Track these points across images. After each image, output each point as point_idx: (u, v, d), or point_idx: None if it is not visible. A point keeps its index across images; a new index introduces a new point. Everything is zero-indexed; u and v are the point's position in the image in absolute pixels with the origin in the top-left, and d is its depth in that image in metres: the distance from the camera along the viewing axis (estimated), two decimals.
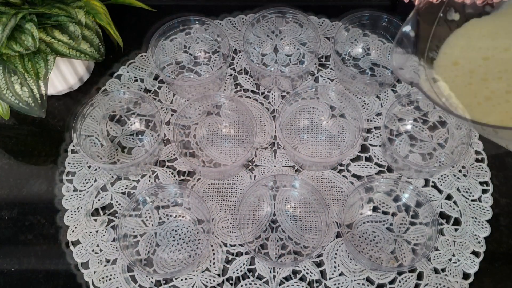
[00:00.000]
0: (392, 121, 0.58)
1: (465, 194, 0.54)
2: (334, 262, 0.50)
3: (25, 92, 0.51)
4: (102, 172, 0.56)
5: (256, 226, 0.53)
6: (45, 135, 0.59)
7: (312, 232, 0.52)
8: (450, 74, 0.40)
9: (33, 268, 0.51)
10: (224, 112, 0.59)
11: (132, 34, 0.66)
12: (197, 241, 0.52)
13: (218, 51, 0.64)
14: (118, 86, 0.62)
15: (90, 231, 0.52)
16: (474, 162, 0.56)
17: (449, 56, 0.41)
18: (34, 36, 0.47)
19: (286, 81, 0.60)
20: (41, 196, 0.55)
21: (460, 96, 0.38)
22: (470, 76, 0.39)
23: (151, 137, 0.58)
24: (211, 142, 0.58)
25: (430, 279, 0.49)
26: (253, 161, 0.57)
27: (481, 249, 0.51)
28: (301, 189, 0.54)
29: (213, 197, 0.54)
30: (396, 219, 0.53)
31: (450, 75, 0.39)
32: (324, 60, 0.64)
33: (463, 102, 0.37)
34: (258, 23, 0.62)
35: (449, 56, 0.41)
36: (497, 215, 0.53)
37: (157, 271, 0.50)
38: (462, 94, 0.38)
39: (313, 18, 0.67)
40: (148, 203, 0.53)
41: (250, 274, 0.50)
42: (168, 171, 0.56)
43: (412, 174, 0.54)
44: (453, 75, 0.40)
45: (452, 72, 0.40)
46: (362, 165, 0.56)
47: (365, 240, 0.51)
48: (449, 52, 0.41)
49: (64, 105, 0.61)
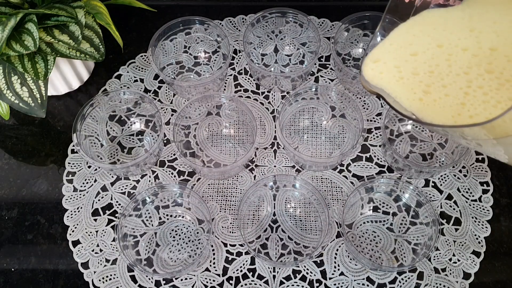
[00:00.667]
0: (392, 121, 0.58)
1: (466, 194, 0.54)
2: (335, 262, 0.50)
3: (25, 92, 0.51)
4: (102, 172, 0.56)
5: (257, 226, 0.53)
6: (45, 135, 0.59)
7: (313, 232, 0.52)
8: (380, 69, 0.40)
9: (32, 268, 0.51)
10: (224, 112, 0.59)
11: (132, 34, 0.66)
12: (197, 241, 0.52)
13: (218, 51, 0.64)
14: (118, 86, 0.62)
15: (90, 231, 0.52)
16: (475, 162, 0.56)
17: (376, 52, 0.40)
18: (34, 36, 0.47)
19: (286, 81, 0.60)
20: (41, 196, 0.55)
21: (400, 92, 0.37)
22: (399, 71, 0.38)
23: (151, 137, 0.58)
24: (211, 142, 0.58)
25: (431, 279, 0.49)
26: (254, 161, 0.57)
27: (482, 249, 0.51)
28: (301, 189, 0.54)
29: (213, 197, 0.54)
30: (396, 219, 0.53)
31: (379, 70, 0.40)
32: (324, 60, 0.64)
33: (405, 97, 0.37)
34: (258, 23, 0.62)
35: (376, 52, 0.40)
36: (497, 215, 0.53)
37: (157, 271, 0.50)
38: (399, 89, 0.37)
39: (314, 18, 0.67)
40: (148, 203, 0.53)
41: (251, 274, 0.50)
42: (168, 171, 0.56)
43: (413, 174, 0.54)
44: (379, 71, 0.39)
45: (379, 67, 0.40)
46: (362, 165, 0.56)
47: (366, 240, 0.51)
48: (381, 47, 0.41)
49: (64, 105, 0.61)
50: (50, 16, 0.50)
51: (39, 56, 0.51)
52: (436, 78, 0.36)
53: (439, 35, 0.38)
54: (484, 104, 0.33)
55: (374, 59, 0.40)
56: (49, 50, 0.51)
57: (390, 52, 0.40)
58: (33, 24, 0.48)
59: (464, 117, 0.33)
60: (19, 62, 0.49)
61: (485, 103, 0.33)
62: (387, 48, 0.40)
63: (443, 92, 0.36)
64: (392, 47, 0.40)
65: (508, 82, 0.33)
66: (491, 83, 0.34)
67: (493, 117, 0.27)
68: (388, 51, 0.40)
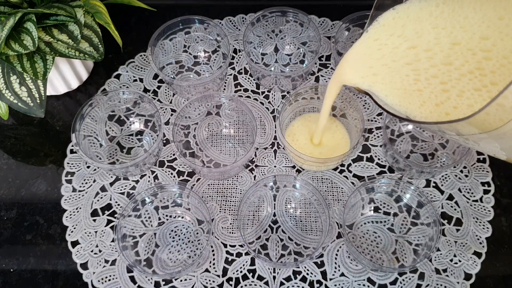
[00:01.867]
0: (393, 121, 0.57)
1: (467, 195, 0.54)
2: (335, 262, 0.50)
3: (24, 92, 0.51)
4: (101, 172, 0.56)
5: (257, 226, 0.52)
6: (44, 135, 0.59)
7: (313, 232, 0.52)
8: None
9: (32, 268, 0.51)
10: (224, 112, 0.59)
11: (131, 34, 0.66)
12: (197, 241, 0.51)
13: (218, 51, 0.63)
14: (117, 85, 0.62)
15: (89, 232, 0.52)
16: (476, 162, 0.56)
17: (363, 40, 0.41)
18: (33, 35, 0.47)
19: (286, 81, 0.60)
20: (40, 196, 0.55)
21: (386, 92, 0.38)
22: (374, 73, 0.39)
23: (150, 137, 0.58)
24: (211, 142, 0.58)
25: (432, 279, 0.49)
26: (254, 161, 0.56)
27: (483, 249, 0.51)
28: (301, 190, 0.53)
29: (213, 198, 0.54)
30: (397, 219, 0.52)
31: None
32: (325, 59, 0.63)
33: (386, 87, 0.37)
34: (258, 22, 0.62)
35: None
36: (498, 215, 0.53)
37: (157, 272, 0.49)
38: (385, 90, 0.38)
39: (314, 18, 0.66)
40: (148, 204, 0.53)
41: (251, 275, 0.50)
42: (167, 171, 0.56)
43: (414, 174, 0.54)
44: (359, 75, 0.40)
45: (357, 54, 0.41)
46: (363, 165, 0.56)
47: (366, 241, 0.51)
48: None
49: (63, 105, 0.61)
50: (49, 16, 0.50)
51: (38, 55, 0.50)
52: (415, 76, 0.36)
53: (409, 33, 0.38)
54: (466, 99, 0.33)
55: (351, 63, 0.40)
56: (48, 50, 0.50)
57: (362, 54, 0.40)
58: (32, 24, 0.47)
59: (460, 111, 0.33)
60: (18, 61, 0.49)
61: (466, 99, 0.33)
62: (360, 49, 0.40)
63: (418, 87, 0.36)
64: (363, 49, 0.40)
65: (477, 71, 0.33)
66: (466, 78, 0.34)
67: (472, 113, 0.27)
68: (361, 52, 0.40)
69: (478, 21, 0.35)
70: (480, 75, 0.33)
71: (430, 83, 0.35)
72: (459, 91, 0.33)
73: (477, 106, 0.32)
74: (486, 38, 0.34)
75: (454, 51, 0.35)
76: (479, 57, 0.33)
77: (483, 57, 0.33)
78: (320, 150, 0.55)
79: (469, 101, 0.32)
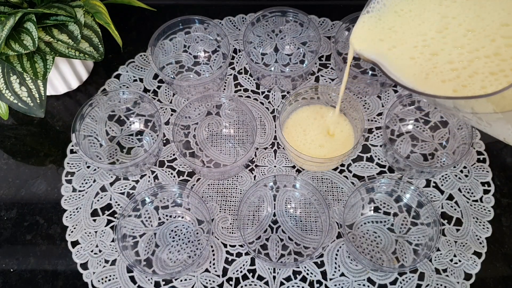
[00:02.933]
0: (393, 121, 0.57)
1: (467, 195, 0.54)
2: (335, 262, 0.50)
3: (24, 92, 0.51)
4: (101, 172, 0.56)
5: (257, 226, 0.52)
6: (44, 135, 0.59)
7: (313, 232, 0.52)
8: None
9: (31, 268, 0.51)
10: (224, 112, 0.59)
11: (131, 34, 0.66)
12: (197, 241, 0.51)
13: (218, 51, 0.63)
14: (117, 85, 0.62)
15: (89, 232, 0.52)
16: (476, 162, 0.56)
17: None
18: (34, 35, 0.47)
19: (286, 81, 0.60)
20: (40, 196, 0.55)
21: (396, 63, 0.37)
22: (390, 43, 0.38)
23: (150, 137, 0.58)
24: (211, 142, 0.58)
25: (432, 279, 0.49)
26: (254, 161, 0.56)
27: (483, 249, 0.51)
28: (301, 190, 0.53)
29: (213, 198, 0.54)
30: (397, 219, 0.52)
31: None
32: (325, 59, 0.63)
33: (398, 63, 0.37)
34: (258, 22, 0.62)
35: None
36: (498, 215, 0.53)
37: (157, 272, 0.49)
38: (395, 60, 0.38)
39: (314, 18, 0.66)
40: (148, 204, 0.53)
41: (251, 275, 0.50)
42: (167, 171, 0.56)
43: (414, 174, 0.54)
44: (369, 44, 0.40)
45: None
46: (363, 165, 0.56)
47: (366, 241, 0.51)
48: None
49: (63, 105, 0.61)
50: (49, 16, 0.50)
51: (38, 55, 0.50)
52: (429, 50, 0.37)
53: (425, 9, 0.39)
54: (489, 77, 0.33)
55: (363, 32, 0.40)
56: (48, 50, 0.50)
57: (377, 25, 0.40)
58: (32, 24, 0.47)
59: (470, 90, 0.34)
60: (18, 61, 0.49)
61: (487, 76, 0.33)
62: (374, 20, 0.40)
63: (435, 61, 0.36)
64: (377, 20, 0.40)
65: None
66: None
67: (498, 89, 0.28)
68: (375, 24, 0.40)
69: (497, 7, 0.35)
70: (499, 60, 0.33)
71: (437, 60, 0.35)
72: (472, 72, 0.34)
73: (491, 88, 0.32)
74: (507, 25, 0.34)
75: (468, 37, 0.35)
76: (498, 43, 0.34)
77: (504, 44, 0.34)
78: (326, 147, 0.54)
79: (482, 83, 0.33)
